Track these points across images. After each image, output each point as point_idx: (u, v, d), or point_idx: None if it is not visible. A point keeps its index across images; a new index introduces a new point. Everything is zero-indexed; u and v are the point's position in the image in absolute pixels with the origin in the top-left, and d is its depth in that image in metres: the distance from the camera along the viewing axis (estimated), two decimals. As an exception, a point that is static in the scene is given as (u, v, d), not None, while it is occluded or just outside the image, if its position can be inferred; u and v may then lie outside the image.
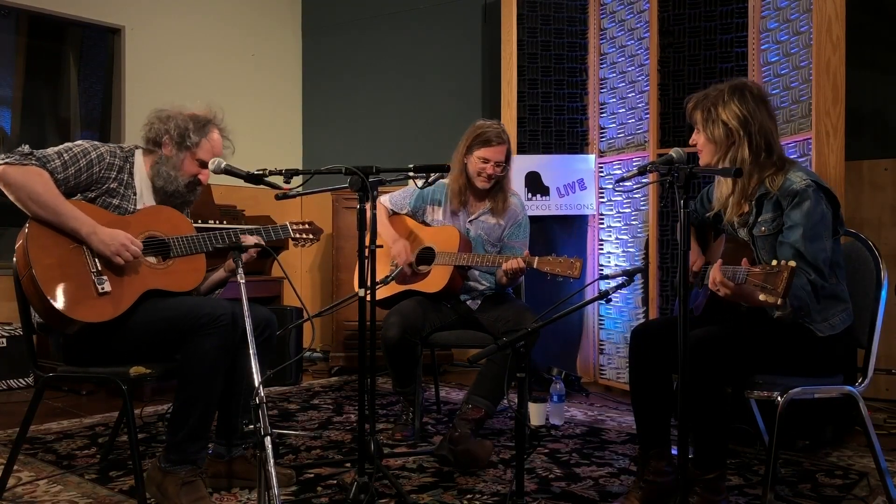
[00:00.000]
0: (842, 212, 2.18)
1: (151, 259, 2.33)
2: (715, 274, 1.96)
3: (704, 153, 2.24)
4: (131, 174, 2.41)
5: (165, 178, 2.42)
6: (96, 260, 2.21)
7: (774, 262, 1.77)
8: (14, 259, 2.23)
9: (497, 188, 3.10)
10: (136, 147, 2.48)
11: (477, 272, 3.11)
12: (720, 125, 2.18)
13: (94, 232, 2.19)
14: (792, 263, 1.73)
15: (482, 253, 3.04)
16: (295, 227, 2.60)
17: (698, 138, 2.26)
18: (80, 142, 2.34)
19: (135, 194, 2.40)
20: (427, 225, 3.19)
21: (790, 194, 2.10)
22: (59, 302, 2.13)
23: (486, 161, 3.01)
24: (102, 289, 2.19)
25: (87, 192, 2.31)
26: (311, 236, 2.62)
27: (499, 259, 2.85)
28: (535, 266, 2.71)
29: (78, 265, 2.20)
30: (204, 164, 2.46)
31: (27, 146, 2.24)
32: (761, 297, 1.77)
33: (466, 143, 3.05)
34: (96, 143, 2.37)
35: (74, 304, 2.15)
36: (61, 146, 2.29)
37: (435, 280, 3.00)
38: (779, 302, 1.76)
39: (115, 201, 2.34)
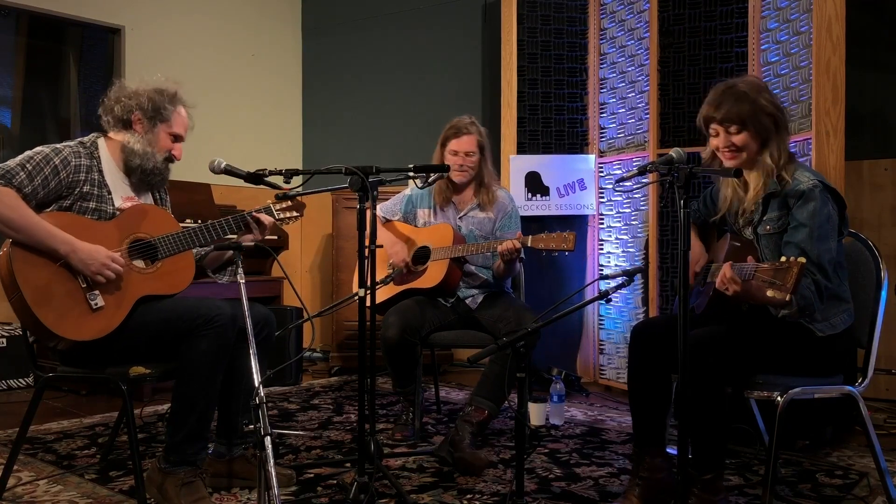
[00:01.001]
0: (847, 213, 2.18)
1: (140, 263, 2.29)
2: (726, 271, 1.94)
3: (749, 149, 2.16)
4: (100, 171, 2.32)
5: (142, 155, 2.35)
6: (86, 275, 2.17)
7: (783, 259, 1.77)
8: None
9: (478, 182, 3.14)
10: (98, 136, 2.40)
11: (473, 267, 3.12)
12: (765, 116, 2.15)
13: (72, 251, 2.13)
14: (801, 260, 1.73)
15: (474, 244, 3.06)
16: (277, 206, 2.56)
17: (738, 137, 2.16)
18: (40, 148, 2.25)
19: (110, 193, 2.33)
20: (420, 228, 3.22)
21: (797, 194, 2.10)
22: (55, 324, 2.10)
23: (455, 153, 3.09)
24: (96, 304, 2.17)
25: (62, 201, 2.24)
26: (294, 213, 2.57)
27: (493, 244, 2.87)
28: (529, 244, 2.73)
29: (68, 283, 2.15)
30: (176, 138, 2.43)
31: None
32: (769, 293, 1.77)
33: (441, 140, 3.15)
34: (56, 146, 2.27)
35: (70, 325, 2.12)
36: (22, 157, 2.20)
37: (432, 275, 3.01)
38: (787, 298, 1.75)
39: (92, 205, 2.27)
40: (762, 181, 2.20)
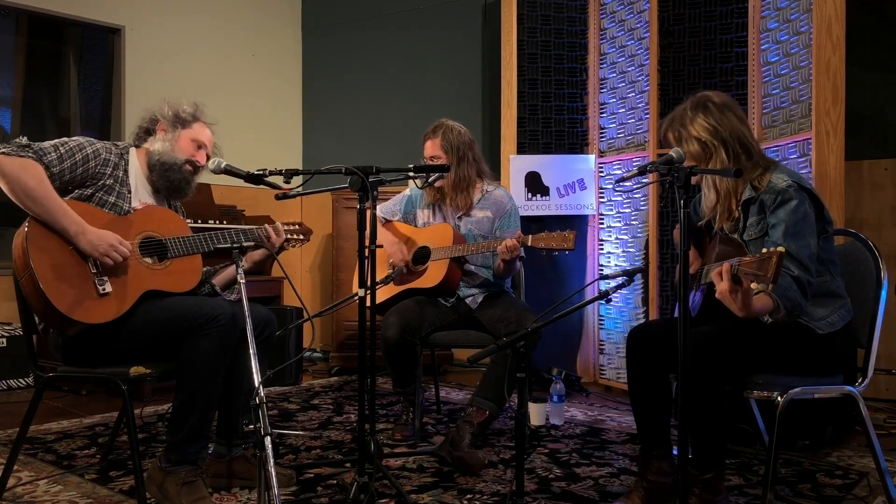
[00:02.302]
0: (828, 212, 2.18)
1: (149, 260, 2.33)
2: (724, 266, 1.92)
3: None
4: (126, 171, 2.41)
5: (161, 153, 2.43)
6: (97, 261, 2.21)
7: (765, 250, 1.77)
8: (13, 258, 2.21)
9: (455, 183, 3.10)
10: (131, 145, 2.50)
11: (473, 266, 3.12)
12: (693, 141, 2.20)
13: (82, 232, 2.18)
14: (781, 249, 1.73)
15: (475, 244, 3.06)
16: (285, 227, 2.59)
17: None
18: (76, 137, 2.35)
19: (129, 192, 2.39)
20: (420, 228, 3.22)
21: (772, 196, 2.11)
22: (61, 303, 2.11)
23: (425, 157, 3.13)
24: (103, 290, 2.19)
25: (84, 189, 2.31)
26: (300, 237, 2.62)
27: (493, 244, 2.87)
28: (529, 244, 2.73)
29: (78, 266, 2.19)
30: (200, 146, 2.48)
31: (25, 138, 2.23)
32: (753, 285, 1.77)
33: None
34: (92, 139, 2.38)
35: (76, 306, 2.14)
36: (58, 140, 2.30)
37: (433, 275, 3.02)
38: (769, 287, 1.75)
39: (112, 198, 2.33)
40: (726, 185, 2.22)
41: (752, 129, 2.28)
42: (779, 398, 2.07)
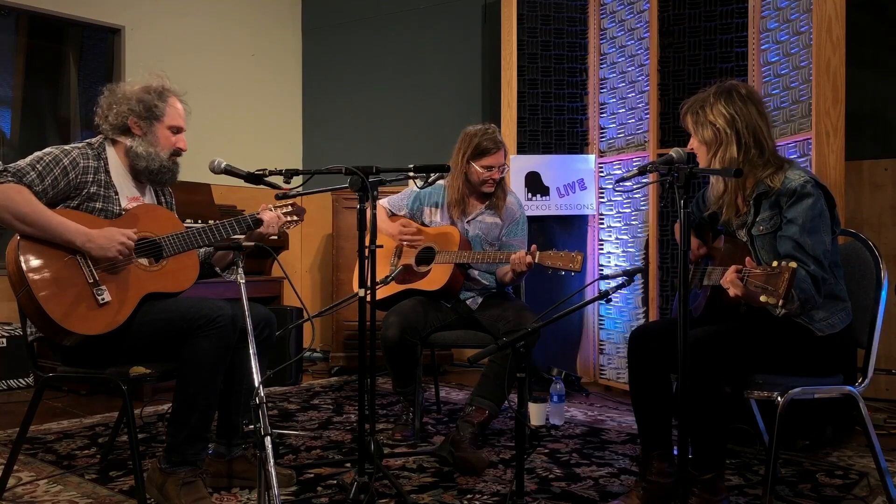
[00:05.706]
0: (837, 212, 2.18)
1: (144, 261, 2.31)
2: (730, 274, 1.94)
3: (699, 156, 2.26)
4: (107, 171, 2.35)
5: (146, 157, 2.37)
6: (93, 271, 2.18)
7: (775, 264, 1.77)
8: (6, 273, 2.17)
9: (498, 188, 3.12)
10: (105, 138, 2.40)
11: (476, 272, 3.11)
12: (708, 126, 2.20)
13: (89, 240, 2.15)
14: (793, 265, 1.73)
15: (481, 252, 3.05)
16: (279, 209, 2.55)
17: (693, 143, 2.28)
18: (49, 149, 2.27)
19: (116, 193, 2.35)
20: (426, 226, 3.20)
21: (789, 192, 2.10)
22: (62, 318, 2.10)
23: (489, 168, 3.04)
24: (102, 300, 2.17)
25: (69, 202, 2.26)
26: (294, 217, 2.57)
27: (499, 256, 2.85)
28: (536, 260, 2.72)
29: (75, 278, 2.16)
30: (177, 130, 2.42)
31: None
32: (762, 298, 1.77)
33: (463, 154, 3.05)
34: (65, 147, 2.30)
35: (77, 319, 2.13)
36: (32, 157, 2.22)
37: (435, 278, 3.01)
38: (780, 303, 1.75)
39: (98, 205, 2.29)
40: (723, 181, 2.23)
41: (771, 127, 2.26)
42: (779, 398, 2.07)
